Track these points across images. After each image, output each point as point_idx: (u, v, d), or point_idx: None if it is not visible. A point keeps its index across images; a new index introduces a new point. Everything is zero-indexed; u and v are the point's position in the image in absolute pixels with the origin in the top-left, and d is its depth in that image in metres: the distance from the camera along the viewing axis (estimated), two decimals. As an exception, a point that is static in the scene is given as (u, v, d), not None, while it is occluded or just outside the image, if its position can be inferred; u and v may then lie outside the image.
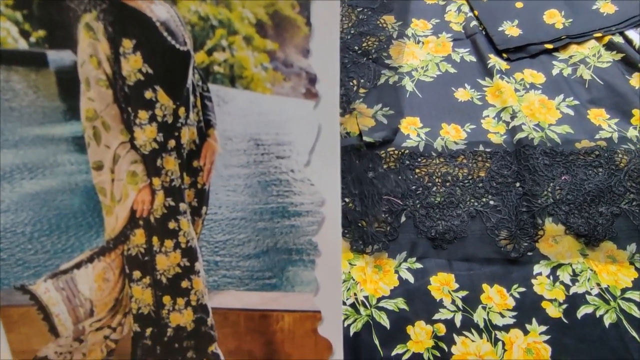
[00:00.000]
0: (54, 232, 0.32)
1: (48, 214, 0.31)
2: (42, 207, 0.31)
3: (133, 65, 0.28)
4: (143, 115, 0.29)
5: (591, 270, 0.43)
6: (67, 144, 0.31)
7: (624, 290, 0.42)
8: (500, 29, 0.62)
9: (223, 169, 0.32)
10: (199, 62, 0.30)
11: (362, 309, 0.41)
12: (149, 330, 0.33)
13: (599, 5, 0.62)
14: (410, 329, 0.40)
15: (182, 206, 0.31)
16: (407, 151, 0.52)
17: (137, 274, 0.32)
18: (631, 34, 0.59)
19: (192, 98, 0.30)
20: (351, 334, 0.40)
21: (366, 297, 0.42)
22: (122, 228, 0.31)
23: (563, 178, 0.48)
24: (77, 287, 0.32)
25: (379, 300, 0.42)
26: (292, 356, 0.34)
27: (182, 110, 0.30)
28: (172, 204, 0.31)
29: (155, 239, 0.31)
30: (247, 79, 0.31)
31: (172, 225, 0.32)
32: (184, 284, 0.32)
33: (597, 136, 0.52)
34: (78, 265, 0.32)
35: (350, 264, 0.45)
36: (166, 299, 0.32)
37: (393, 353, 0.39)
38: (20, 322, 0.32)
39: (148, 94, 0.29)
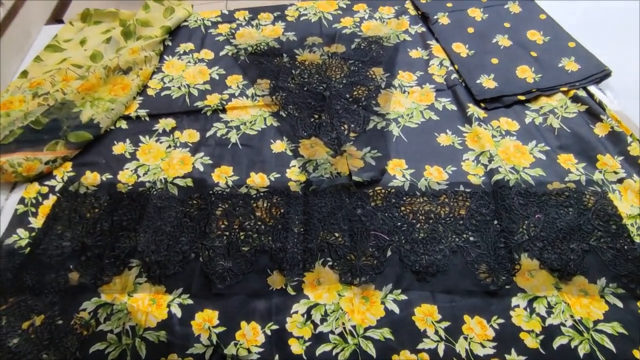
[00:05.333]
0: None
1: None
2: None
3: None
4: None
5: (565, 303, 0.46)
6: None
7: (596, 322, 0.44)
8: (478, 81, 0.69)
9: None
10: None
11: (349, 338, 0.43)
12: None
13: (564, 64, 0.70)
14: (395, 358, 0.42)
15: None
16: (393, 190, 0.56)
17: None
18: (592, 89, 0.66)
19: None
20: (339, 362, 0.41)
21: (354, 327, 0.44)
22: None
23: (537, 217, 0.52)
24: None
25: (366, 329, 0.44)
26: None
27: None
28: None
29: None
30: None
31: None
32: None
33: (566, 178, 0.56)
34: None
35: (339, 294, 0.47)
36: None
37: (379, 381, 0.40)
38: None
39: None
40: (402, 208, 0.54)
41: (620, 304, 0.45)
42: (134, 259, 0.50)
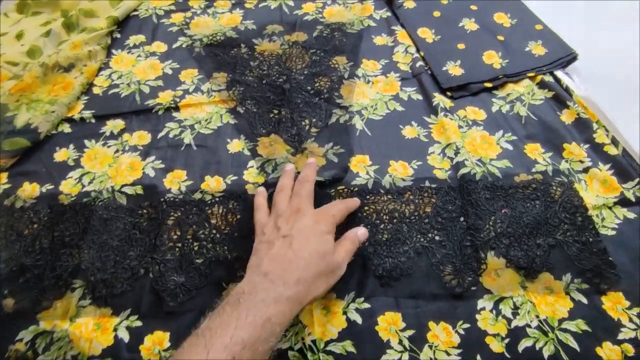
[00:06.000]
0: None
1: None
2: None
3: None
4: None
5: (531, 302, 0.45)
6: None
7: (560, 321, 0.43)
8: (444, 68, 0.66)
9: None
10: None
11: (309, 354, 0.41)
12: None
13: (531, 47, 0.67)
14: (356, 372, 0.40)
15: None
16: (356, 189, 0.53)
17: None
18: (559, 74, 0.64)
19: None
20: (298, 380, 0.39)
21: (314, 342, 0.42)
22: None
23: (503, 211, 0.51)
24: None
25: (326, 343, 0.42)
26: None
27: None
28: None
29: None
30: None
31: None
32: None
33: (533, 169, 0.55)
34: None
35: (299, 306, 0.45)
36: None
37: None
38: None
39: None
40: (366, 208, 0.52)
41: (584, 300, 0.45)
42: (77, 278, 0.46)
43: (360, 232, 0.45)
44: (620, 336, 0.42)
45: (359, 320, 0.43)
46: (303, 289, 0.37)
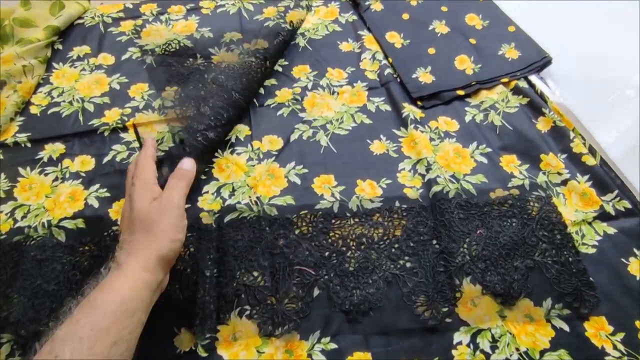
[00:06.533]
0: None
1: None
2: None
3: None
4: None
5: (510, 333, 0.41)
6: None
7: (542, 353, 0.40)
8: (414, 75, 0.62)
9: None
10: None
11: (267, 410, 0.37)
12: None
13: (504, 51, 0.64)
14: None
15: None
16: (320, 213, 0.49)
17: None
18: (534, 78, 0.61)
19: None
20: None
21: (273, 394, 0.38)
22: None
23: (478, 232, 0.47)
24: None
25: (288, 394, 0.38)
26: None
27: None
28: None
29: None
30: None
31: None
32: None
33: (509, 184, 0.52)
34: None
35: (258, 352, 0.40)
36: None
37: None
38: None
39: None
40: (331, 234, 0.47)
41: (566, 327, 0.42)
42: (4, 333, 0.41)
43: (184, 164, 0.46)
44: (605, 366, 0.39)
45: (325, 364, 0.39)
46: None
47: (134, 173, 0.43)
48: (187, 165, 0.46)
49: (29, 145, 0.55)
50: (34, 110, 0.59)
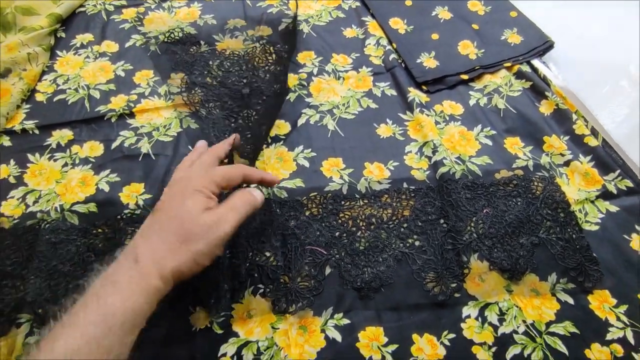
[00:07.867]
0: None
1: None
2: None
3: None
4: None
5: (517, 307, 0.42)
6: None
7: (548, 324, 0.41)
8: (418, 61, 0.63)
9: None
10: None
11: (285, 381, 0.38)
12: None
13: (507, 36, 0.65)
14: (337, 398, 0.37)
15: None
16: (330, 195, 0.50)
17: None
18: (536, 63, 0.62)
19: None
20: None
21: (290, 366, 0.39)
22: None
23: (485, 211, 0.48)
24: None
25: (304, 367, 0.39)
26: None
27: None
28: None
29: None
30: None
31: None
32: None
33: (514, 165, 0.53)
34: None
35: (273, 327, 0.41)
36: None
37: None
38: None
39: None
40: (341, 214, 0.48)
41: (571, 301, 0.43)
42: (22, 313, 0.41)
43: (257, 193, 0.41)
44: (609, 336, 0.41)
45: (339, 337, 0.40)
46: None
47: (196, 163, 0.42)
48: (260, 196, 0.41)
49: (36, 132, 0.55)
50: (39, 97, 0.59)
